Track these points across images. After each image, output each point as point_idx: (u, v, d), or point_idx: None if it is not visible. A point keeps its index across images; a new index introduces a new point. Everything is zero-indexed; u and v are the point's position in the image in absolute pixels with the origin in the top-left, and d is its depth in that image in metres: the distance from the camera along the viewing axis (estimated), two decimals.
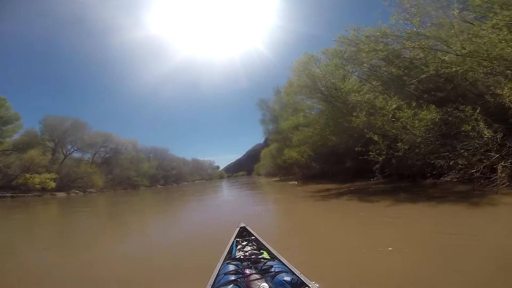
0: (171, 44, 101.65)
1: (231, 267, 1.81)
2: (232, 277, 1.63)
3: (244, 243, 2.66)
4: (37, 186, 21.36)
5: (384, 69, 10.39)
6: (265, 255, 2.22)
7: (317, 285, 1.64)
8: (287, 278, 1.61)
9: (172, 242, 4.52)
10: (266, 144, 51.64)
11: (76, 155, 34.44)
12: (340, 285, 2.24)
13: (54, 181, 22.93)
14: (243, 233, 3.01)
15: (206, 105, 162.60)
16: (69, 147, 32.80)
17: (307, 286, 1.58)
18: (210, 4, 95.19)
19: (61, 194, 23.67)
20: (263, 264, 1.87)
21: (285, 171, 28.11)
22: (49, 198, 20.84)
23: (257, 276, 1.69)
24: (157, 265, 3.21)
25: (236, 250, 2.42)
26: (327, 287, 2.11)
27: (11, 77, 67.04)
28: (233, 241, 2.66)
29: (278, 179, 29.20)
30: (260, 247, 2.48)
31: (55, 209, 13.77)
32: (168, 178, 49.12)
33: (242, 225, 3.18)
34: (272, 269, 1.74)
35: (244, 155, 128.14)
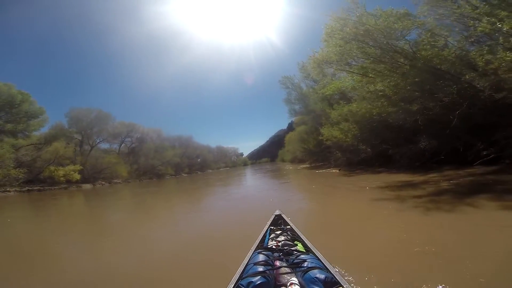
0: (188, 34, 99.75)
1: (261, 257, 1.66)
2: (261, 268, 1.50)
3: (278, 232, 2.46)
4: (61, 178, 21.26)
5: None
6: (299, 247, 2.00)
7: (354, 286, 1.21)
8: (320, 276, 1.37)
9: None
10: (290, 128, 48.28)
11: (104, 146, 34.94)
12: None
13: (78, 173, 22.78)
14: (278, 221, 2.81)
15: (226, 94, 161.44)
16: (95, 138, 33.13)
17: (342, 286, 1.32)
18: None
19: (87, 186, 23.61)
20: (296, 257, 1.67)
21: (316, 156, 24.85)
22: (75, 190, 20.63)
23: (287, 269, 1.55)
24: (185, 258, 3.16)
25: (269, 239, 2.28)
26: None
27: (37, 74, 70.92)
28: (267, 229, 2.52)
29: (307, 166, 26.17)
30: (295, 238, 2.23)
31: (73, 203, 12.75)
32: (193, 166, 48.79)
33: (278, 212, 2.97)
34: (305, 264, 1.53)
35: (267, 141, 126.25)
